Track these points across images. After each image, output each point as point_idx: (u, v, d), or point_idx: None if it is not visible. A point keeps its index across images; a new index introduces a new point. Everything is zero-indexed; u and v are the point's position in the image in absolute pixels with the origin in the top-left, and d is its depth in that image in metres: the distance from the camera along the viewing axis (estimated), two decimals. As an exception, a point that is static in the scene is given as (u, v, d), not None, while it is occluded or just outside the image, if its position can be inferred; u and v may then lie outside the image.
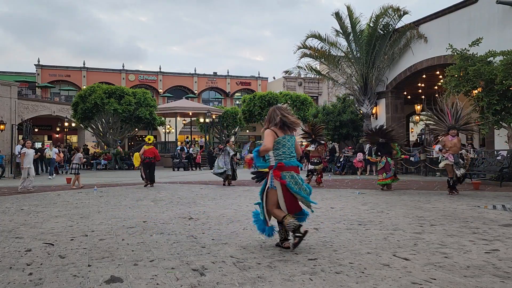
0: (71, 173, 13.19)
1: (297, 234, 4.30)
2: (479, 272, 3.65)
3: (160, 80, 46.88)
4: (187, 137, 31.92)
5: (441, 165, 10.33)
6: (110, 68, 46.53)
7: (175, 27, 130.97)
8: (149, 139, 13.78)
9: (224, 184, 13.23)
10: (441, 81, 15.91)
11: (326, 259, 4.13)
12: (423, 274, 3.59)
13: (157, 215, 7.08)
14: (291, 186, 4.52)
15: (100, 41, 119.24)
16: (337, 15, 19.22)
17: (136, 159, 13.60)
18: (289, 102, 31.83)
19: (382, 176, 11.45)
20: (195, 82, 48.43)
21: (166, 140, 34.84)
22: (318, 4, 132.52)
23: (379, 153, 11.83)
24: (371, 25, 18.62)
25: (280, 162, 4.57)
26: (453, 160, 9.95)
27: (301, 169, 5.19)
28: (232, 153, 13.43)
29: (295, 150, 4.76)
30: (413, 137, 31.42)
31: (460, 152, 10.17)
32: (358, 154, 18.07)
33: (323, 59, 20.12)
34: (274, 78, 49.60)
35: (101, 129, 27.70)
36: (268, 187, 4.60)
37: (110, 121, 26.99)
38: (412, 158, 17.94)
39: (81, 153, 13.83)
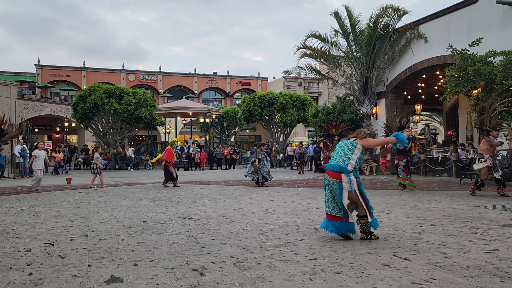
0: (92, 173, 13.24)
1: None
2: (479, 272, 3.65)
3: (160, 80, 46.88)
4: (190, 139, 31.83)
5: (476, 167, 9.77)
6: (110, 68, 46.55)
7: (177, 27, 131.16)
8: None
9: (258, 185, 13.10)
10: (441, 81, 15.91)
11: (326, 259, 4.13)
12: (423, 274, 3.59)
13: (157, 215, 7.08)
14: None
15: (102, 40, 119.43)
16: (336, 15, 19.21)
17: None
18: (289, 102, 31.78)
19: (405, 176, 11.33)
20: (195, 82, 48.43)
21: (166, 140, 34.84)
22: (321, 4, 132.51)
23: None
24: (371, 25, 18.61)
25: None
26: (491, 163, 9.53)
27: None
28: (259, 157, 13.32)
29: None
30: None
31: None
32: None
33: (323, 59, 20.11)
34: (274, 78, 49.60)
35: (101, 129, 27.68)
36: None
37: (110, 121, 26.96)
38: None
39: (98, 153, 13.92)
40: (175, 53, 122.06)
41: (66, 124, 37.95)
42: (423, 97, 23.46)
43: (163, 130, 36.76)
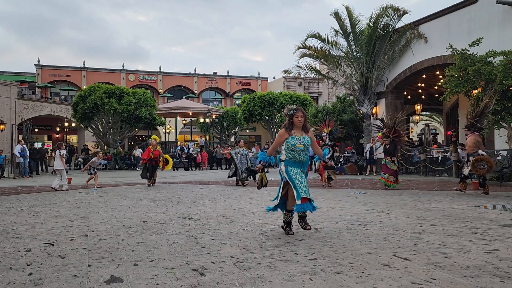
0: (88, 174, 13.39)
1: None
2: (479, 272, 3.65)
3: (160, 80, 46.89)
4: (191, 141, 31.79)
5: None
6: (110, 68, 46.59)
7: (177, 28, 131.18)
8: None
9: (237, 184, 13.30)
10: (441, 81, 15.91)
11: (326, 259, 4.13)
12: (423, 274, 3.59)
13: (157, 215, 7.08)
14: None
15: (102, 40, 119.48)
16: (336, 15, 19.22)
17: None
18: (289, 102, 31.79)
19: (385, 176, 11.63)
20: (195, 82, 48.44)
21: (166, 140, 34.86)
22: (322, 4, 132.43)
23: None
24: (371, 25, 18.62)
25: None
26: (457, 158, 10.09)
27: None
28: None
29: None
30: (413, 137, 31.44)
31: (475, 152, 9.87)
32: None
33: (323, 59, 20.11)
34: (274, 78, 49.60)
35: (101, 129, 27.69)
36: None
37: (110, 121, 26.97)
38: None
39: (97, 158, 14.01)
40: (175, 53, 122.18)
41: (66, 124, 37.95)
42: (423, 97, 23.46)
43: (163, 130, 36.76)
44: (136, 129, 30.32)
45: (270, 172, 13.85)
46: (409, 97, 22.20)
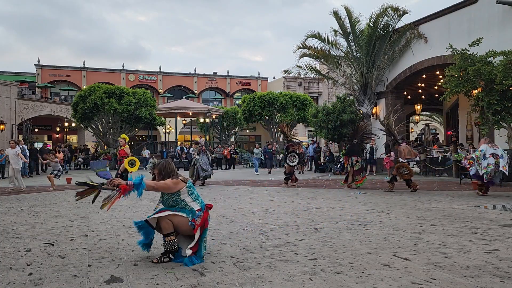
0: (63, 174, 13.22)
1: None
2: (479, 272, 3.65)
3: (160, 80, 46.87)
4: (191, 146, 31.61)
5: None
6: (110, 68, 46.55)
7: (177, 28, 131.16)
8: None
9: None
10: (441, 81, 15.91)
11: (326, 259, 4.13)
12: (423, 274, 3.59)
13: (157, 215, 7.07)
14: None
15: (103, 40, 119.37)
16: (336, 15, 19.20)
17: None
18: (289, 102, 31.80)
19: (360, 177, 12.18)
20: (195, 82, 48.42)
21: (166, 140, 34.85)
22: (322, 4, 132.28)
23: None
24: (371, 25, 18.60)
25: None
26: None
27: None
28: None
29: None
30: (413, 137, 31.47)
31: (410, 158, 11.32)
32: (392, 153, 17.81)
33: (323, 59, 20.10)
34: (274, 78, 49.57)
35: (101, 129, 27.67)
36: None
37: (110, 121, 26.96)
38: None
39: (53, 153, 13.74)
40: (175, 53, 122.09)
41: (66, 124, 37.94)
42: (423, 97, 23.46)
43: (163, 130, 36.74)
44: (136, 129, 30.30)
45: (273, 172, 13.74)
46: (409, 97, 22.19)
